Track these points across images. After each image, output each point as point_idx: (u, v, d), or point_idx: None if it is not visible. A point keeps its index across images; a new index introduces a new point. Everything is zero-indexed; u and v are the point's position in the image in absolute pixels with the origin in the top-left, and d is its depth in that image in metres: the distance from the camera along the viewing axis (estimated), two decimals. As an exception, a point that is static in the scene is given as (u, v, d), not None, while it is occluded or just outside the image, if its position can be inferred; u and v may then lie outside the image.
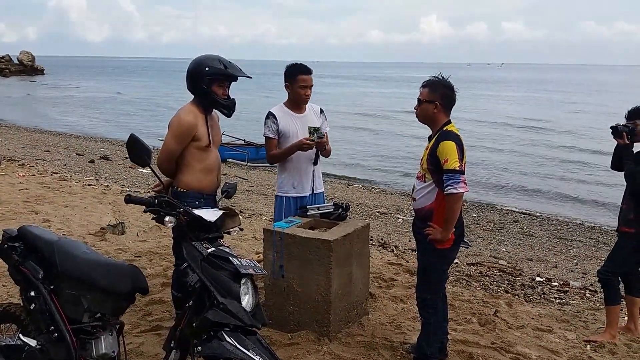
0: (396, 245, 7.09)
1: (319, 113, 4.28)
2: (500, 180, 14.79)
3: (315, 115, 4.24)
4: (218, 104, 3.44)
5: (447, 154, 3.15)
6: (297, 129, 4.11)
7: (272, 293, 3.92)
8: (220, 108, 3.48)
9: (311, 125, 4.12)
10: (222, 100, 3.42)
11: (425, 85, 3.37)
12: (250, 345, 2.33)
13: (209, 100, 3.41)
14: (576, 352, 3.84)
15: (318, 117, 4.24)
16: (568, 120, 28.90)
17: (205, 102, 3.44)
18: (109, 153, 15.43)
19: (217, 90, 3.39)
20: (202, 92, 3.39)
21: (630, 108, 4.02)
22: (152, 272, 4.91)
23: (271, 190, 11.86)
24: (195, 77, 3.38)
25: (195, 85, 3.40)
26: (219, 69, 3.34)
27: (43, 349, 2.63)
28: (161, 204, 2.52)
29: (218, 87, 3.39)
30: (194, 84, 3.41)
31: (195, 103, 3.46)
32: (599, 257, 7.65)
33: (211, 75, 3.34)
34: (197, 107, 3.44)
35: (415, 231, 3.46)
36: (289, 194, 4.20)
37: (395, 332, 3.99)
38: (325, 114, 4.34)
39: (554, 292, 5.44)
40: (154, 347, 3.57)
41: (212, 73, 3.34)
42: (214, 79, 3.36)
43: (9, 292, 4.31)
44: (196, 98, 3.46)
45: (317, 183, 4.26)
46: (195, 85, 3.40)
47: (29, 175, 9.81)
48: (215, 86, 3.38)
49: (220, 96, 3.41)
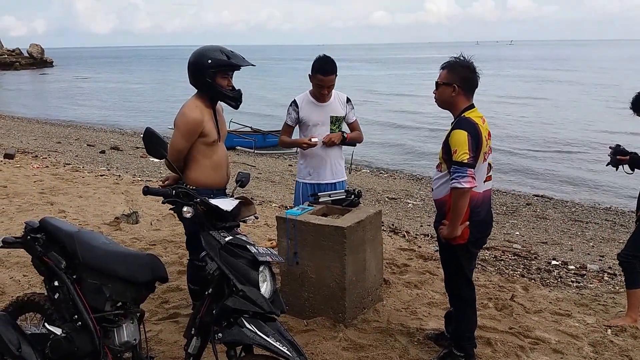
0: (407, 230, 7.09)
1: (344, 102, 4.26)
2: (510, 163, 14.66)
3: (341, 104, 4.24)
4: (224, 97, 3.34)
5: (456, 144, 2.99)
6: (319, 118, 4.16)
7: (287, 280, 3.95)
8: (226, 100, 3.37)
9: (334, 114, 4.16)
10: (227, 92, 3.31)
11: (444, 66, 3.21)
12: (269, 331, 2.36)
13: (214, 93, 3.31)
14: (597, 337, 3.80)
15: (343, 106, 4.24)
16: (577, 99, 28.56)
17: (210, 95, 3.33)
18: (119, 143, 15.53)
19: (221, 82, 3.28)
20: (206, 86, 3.28)
21: (633, 98, 3.97)
22: (168, 260, 4.96)
23: (279, 177, 11.90)
24: (198, 70, 3.26)
25: (199, 79, 3.28)
26: (221, 60, 3.22)
27: (68, 337, 2.67)
28: (179, 195, 2.54)
29: (222, 78, 3.28)
30: (196, 78, 3.29)
31: (200, 97, 3.35)
32: (616, 240, 7.60)
33: (214, 67, 3.22)
34: (202, 102, 3.33)
35: (435, 225, 3.35)
36: (305, 180, 4.30)
37: (410, 317, 4.01)
38: (352, 103, 4.33)
39: (570, 276, 5.39)
40: (173, 335, 3.62)
41: (214, 65, 3.22)
42: (217, 70, 3.24)
43: (29, 281, 4.38)
44: (200, 92, 3.35)
45: (336, 172, 4.30)
46: (198, 79, 3.28)
47: (43, 166, 9.91)
48: (219, 78, 3.26)
49: (225, 88, 3.30)
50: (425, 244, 6.19)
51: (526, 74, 48.98)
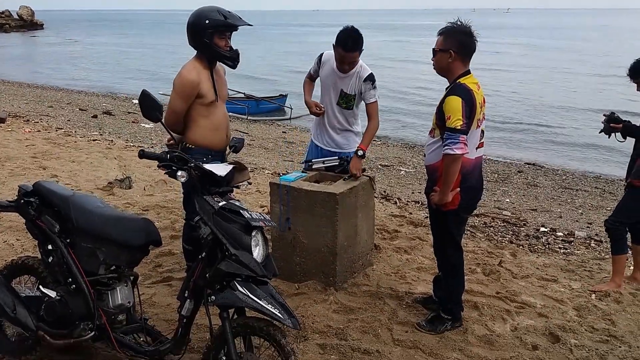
0: (399, 197, 7.15)
1: (362, 79, 3.96)
2: (503, 131, 14.67)
3: (358, 80, 3.97)
4: (222, 57, 3.40)
5: (449, 110, 3.00)
6: (332, 85, 4.07)
7: (279, 245, 4.01)
8: (224, 60, 3.43)
9: (345, 90, 4.03)
10: (225, 52, 3.37)
11: (441, 33, 3.19)
12: (261, 294, 2.42)
13: (212, 53, 3.37)
14: (581, 301, 3.91)
15: (358, 85, 3.98)
16: (570, 67, 28.38)
17: (209, 55, 3.40)
18: (111, 108, 15.34)
19: (219, 42, 3.34)
20: (204, 46, 3.35)
21: (631, 64, 3.96)
22: (161, 226, 4.99)
23: (272, 144, 11.86)
24: (196, 31, 3.32)
25: (197, 40, 3.35)
26: (219, 20, 3.28)
27: (62, 300, 2.72)
28: (173, 159, 2.55)
29: (220, 39, 3.34)
30: (195, 39, 3.36)
31: (198, 58, 3.42)
32: (604, 207, 7.69)
33: (212, 27, 3.29)
34: (200, 63, 3.41)
35: (426, 192, 3.38)
36: (315, 140, 4.36)
37: (400, 282, 4.09)
38: (375, 83, 4.00)
39: (558, 242, 5.50)
40: (166, 298, 3.69)
41: (212, 25, 3.28)
42: (215, 31, 3.30)
43: (22, 245, 4.41)
44: (199, 53, 3.42)
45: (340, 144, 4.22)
46: (197, 39, 3.34)
47: (35, 131, 9.82)
48: (216, 38, 3.33)
49: (223, 48, 3.36)
50: (416, 211, 6.26)
51: (521, 42, 48.45)
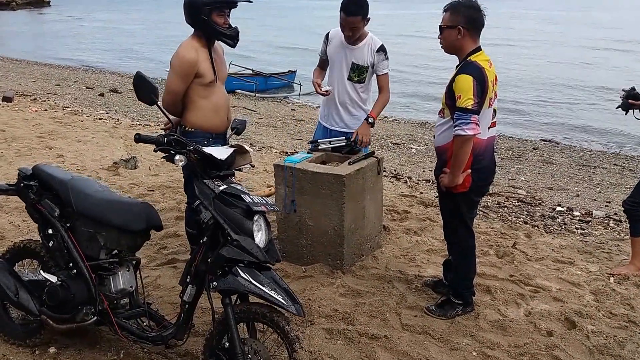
0: (409, 176, 7.01)
1: (374, 50, 3.86)
2: (517, 106, 14.36)
3: (370, 51, 3.87)
4: (220, 35, 3.26)
5: (460, 89, 2.88)
6: (342, 60, 3.92)
7: (285, 227, 3.92)
8: (223, 38, 3.29)
9: (357, 62, 3.89)
10: (224, 29, 3.24)
11: (447, 8, 3.04)
12: (264, 280, 2.35)
13: (210, 31, 3.23)
14: (599, 285, 3.77)
15: (371, 55, 3.87)
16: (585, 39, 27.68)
17: (207, 34, 3.26)
18: (118, 86, 15.27)
19: (217, 19, 3.20)
20: (201, 24, 3.21)
21: None
22: (166, 207, 4.93)
23: (281, 122, 11.73)
24: (193, 8, 3.18)
25: (194, 17, 3.21)
26: None
27: (64, 285, 2.69)
28: (171, 143, 2.46)
29: (218, 16, 3.20)
30: (192, 16, 3.22)
31: (196, 36, 3.28)
32: (623, 185, 7.48)
33: (209, 4, 3.15)
34: (198, 41, 3.27)
35: (435, 173, 3.28)
36: (322, 120, 4.23)
37: (409, 264, 4.00)
38: (387, 54, 3.91)
39: (575, 223, 5.29)
40: (170, 280, 3.64)
41: (210, 2, 3.14)
42: (212, 7, 3.16)
43: (29, 226, 4.37)
44: (196, 31, 3.28)
45: (348, 124, 4.09)
46: (194, 17, 3.20)
47: (42, 110, 9.78)
48: (215, 15, 3.19)
49: (222, 26, 3.23)
50: (426, 190, 6.13)
51: (533, 14, 47.32)
